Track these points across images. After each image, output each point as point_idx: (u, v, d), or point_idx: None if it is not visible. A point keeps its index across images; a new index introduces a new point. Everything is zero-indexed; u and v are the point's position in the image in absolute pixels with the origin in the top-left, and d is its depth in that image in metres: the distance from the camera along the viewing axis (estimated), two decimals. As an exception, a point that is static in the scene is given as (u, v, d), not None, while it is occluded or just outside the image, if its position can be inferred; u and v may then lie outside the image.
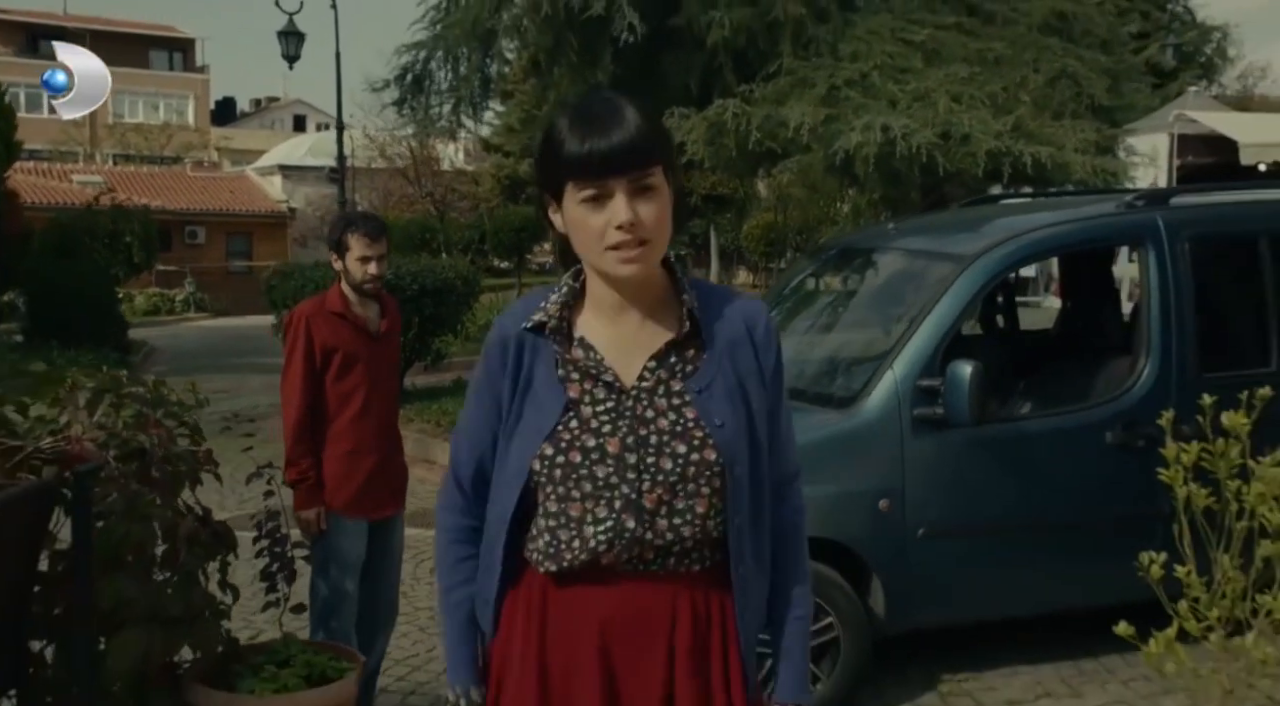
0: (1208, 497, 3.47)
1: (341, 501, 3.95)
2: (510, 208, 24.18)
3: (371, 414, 4.00)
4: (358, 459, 3.97)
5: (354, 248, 3.96)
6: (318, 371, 3.92)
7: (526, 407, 1.82)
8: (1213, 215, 5.20)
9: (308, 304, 4.07)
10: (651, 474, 1.77)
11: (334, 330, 3.96)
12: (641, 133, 1.69)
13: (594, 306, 1.84)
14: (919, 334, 4.59)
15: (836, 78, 8.48)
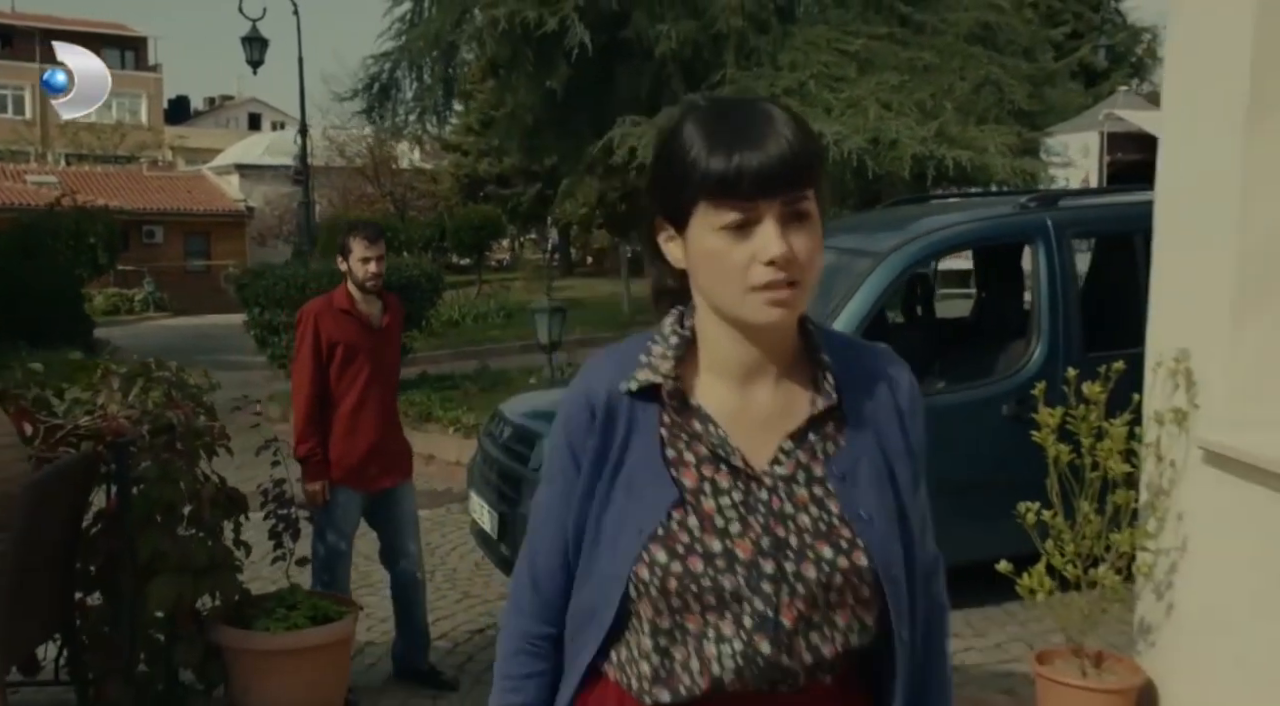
0: (1070, 454, 4.16)
1: (340, 475, 4.47)
2: (470, 206, 24.70)
3: (371, 398, 4.52)
4: (356, 438, 4.48)
5: (356, 250, 4.49)
6: (324, 361, 4.44)
7: (621, 495, 1.42)
8: (1095, 215, 5.91)
9: (316, 301, 4.62)
10: (791, 584, 1.38)
11: (339, 324, 4.47)
12: (801, 144, 1.34)
13: (712, 365, 1.44)
14: (840, 320, 5.24)
15: (776, 86, 9.12)
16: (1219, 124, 3.74)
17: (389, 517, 4.71)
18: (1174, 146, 4.10)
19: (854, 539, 1.41)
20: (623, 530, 1.41)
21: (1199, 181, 3.90)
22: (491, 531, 5.44)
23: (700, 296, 1.42)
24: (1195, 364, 3.89)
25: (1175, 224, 4.07)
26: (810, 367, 1.46)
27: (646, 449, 1.42)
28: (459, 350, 15.82)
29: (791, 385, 1.45)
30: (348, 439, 4.47)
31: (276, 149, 38.76)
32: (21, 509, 3.34)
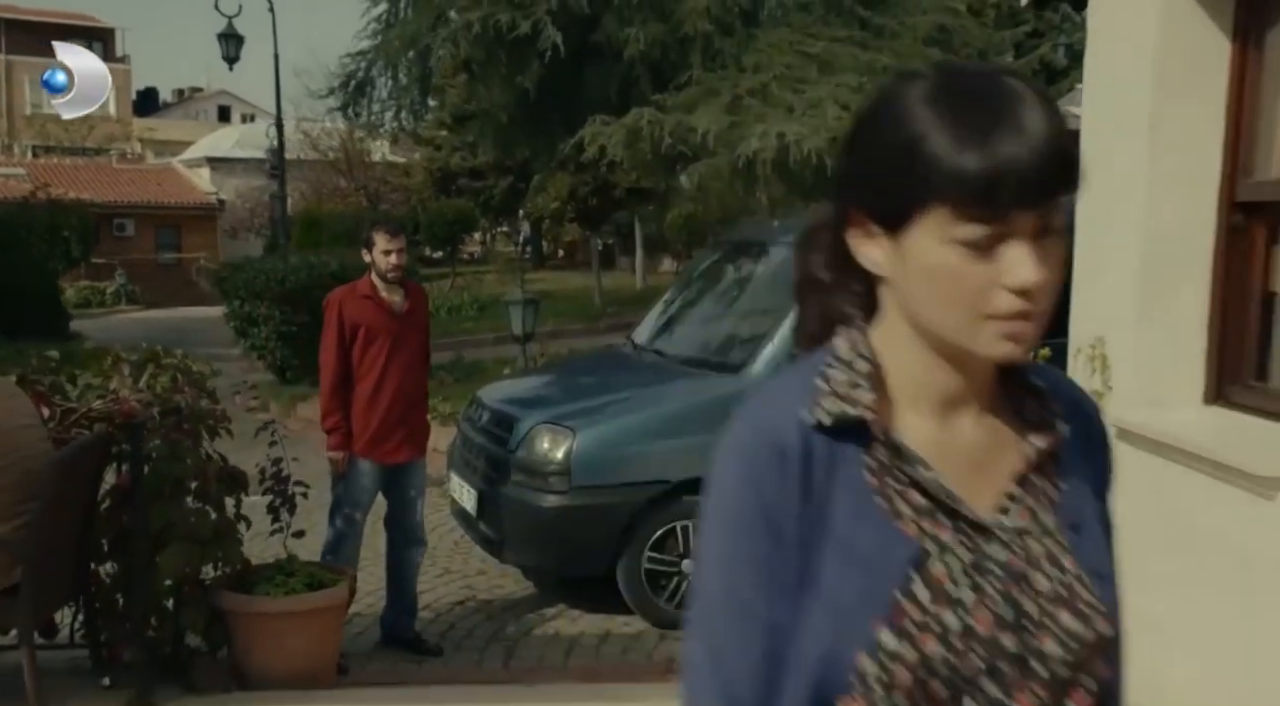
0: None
1: (360, 447, 4.93)
2: (442, 200, 24.97)
3: (391, 377, 4.93)
4: (375, 414, 4.92)
5: (378, 243, 4.91)
6: (347, 343, 4.86)
7: (834, 563, 1.09)
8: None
9: (341, 289, 5.08)
10: (1031, 664, 1.10)
11: (361, 309, 4.90)
12: (1065, 137, 1.08)
13: (907, 394, 1.15)
14: (794, 313, 5.65)
15: (740, 87, 9.50)
16: (1127, 130, 4.16)
17: (399, 491, 5.12)
18: (1090, 150, 4.52)
19: (1095, 603, 1.15)
20: (838, 605, 1.06)
21: (1111, 183, 4.33)
22: (471, 509, 5.82)
23: (901, 312, 1.13)
24: (1110, 349, 4.32)
25: (1091, 222, 4.49)
26: (1014, 395, 1.18)
27: (856, 499, 1.10)
28: (434, 342, 16.08)
29: (994, 418, 1.17)
30: (367, 414, 4.90)
31: (247, 142, 38.78)
32: (48, 482, 3.69)
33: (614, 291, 19.77)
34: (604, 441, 5.37)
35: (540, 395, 6.33)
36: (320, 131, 26.18)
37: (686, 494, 5.40)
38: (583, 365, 7.22)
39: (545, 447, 5.42)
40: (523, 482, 5.45)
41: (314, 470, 9.08)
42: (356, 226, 20.09)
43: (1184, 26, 3.99)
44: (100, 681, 4.20)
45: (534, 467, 5.42)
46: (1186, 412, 4.06)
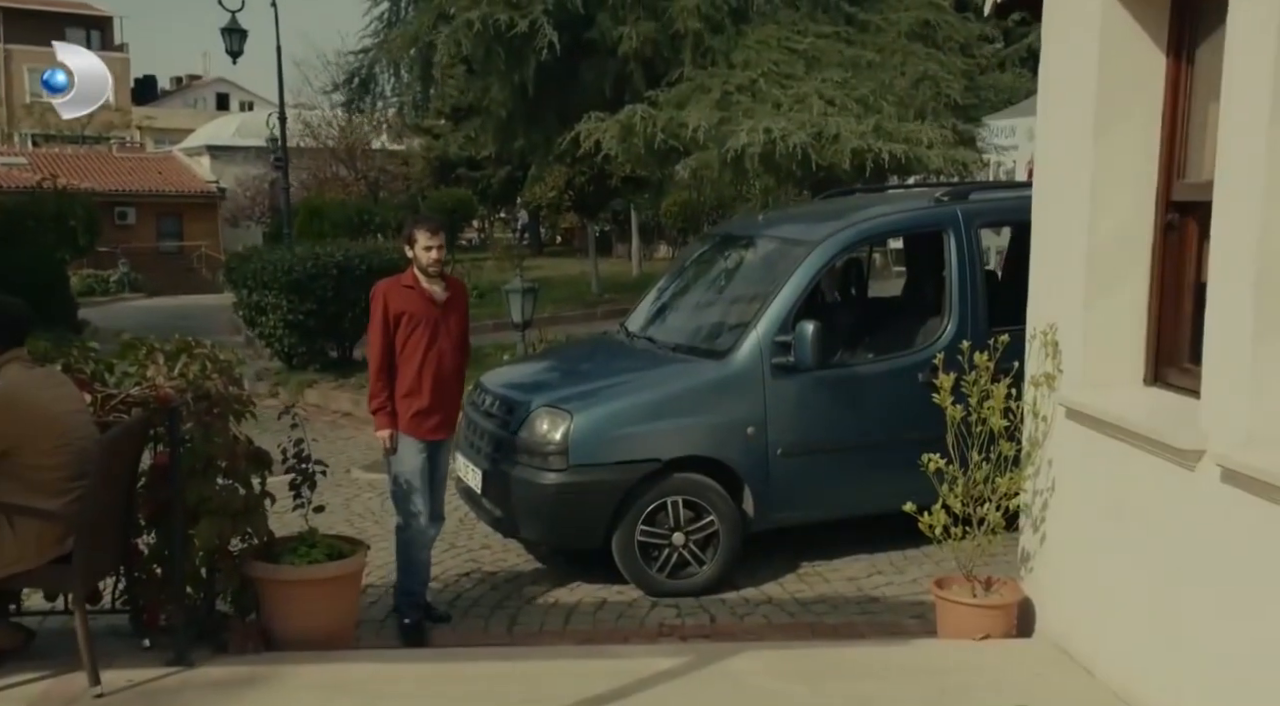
0: (964, 412, 4.99)
1: (404, 425, 5.33)
2: (441, 188, 25.30)
3: (430, 362, 5.30)
4: (417, 395, 5.31)
5: (420, 239, 5.30)
6: (391, 330, 5.26)
7: None
8: (1000, 207, 6.75)
9: (387, 280, 5.48)
10: None
11: (404, 298, 5.29)
12: None
13: None
14: (777, 301, 6.05)
15: (729, 84, 9.88)
16: (1074, 133, 4.55)
17: (431, 468, 5.47)
18: (1042, 151, 4.94)
19: None
20: None
21: (1060, 182, 4.73)
22: (476, 487, 6.23)
23: None
24: (1061, 335, 4.72)
25: (1045, 217, 4.90)
26: None
27: None
28: (434, 328, 16.47)
29: None
30: (411, 395, 5.30)
31: (247, 130, 39.03)
32: (97, 461, 4.09)
33: (611, 277, 20.13)
34: (600, 423, 5.77)
35: (540, 380, 6.73)
36: (319, 120, 26.48)
37: (677, 471, 5.81)
38: (579, 352, 7.65)
39: (545, 429, 5.82)
40: (524, 462, 5.85)
41: (321, 452, 9.50)
42: (359, 215, 20.53)
43: (1123, 43, 4.39)
44: (141, 643, 4.61)
45: (534, 448, 5.82)
46: (1128, 393, 4.47)
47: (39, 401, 4.12)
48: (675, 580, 5.83)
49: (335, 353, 12.95)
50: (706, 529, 5.83)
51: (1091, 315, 4.56)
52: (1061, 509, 4.80)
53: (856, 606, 5.82)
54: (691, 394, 5.91)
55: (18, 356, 4.21)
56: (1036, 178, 5.04)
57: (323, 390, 12.08)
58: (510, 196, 27.00)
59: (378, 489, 8.27)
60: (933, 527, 5.00)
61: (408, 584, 5.48)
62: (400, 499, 5.41)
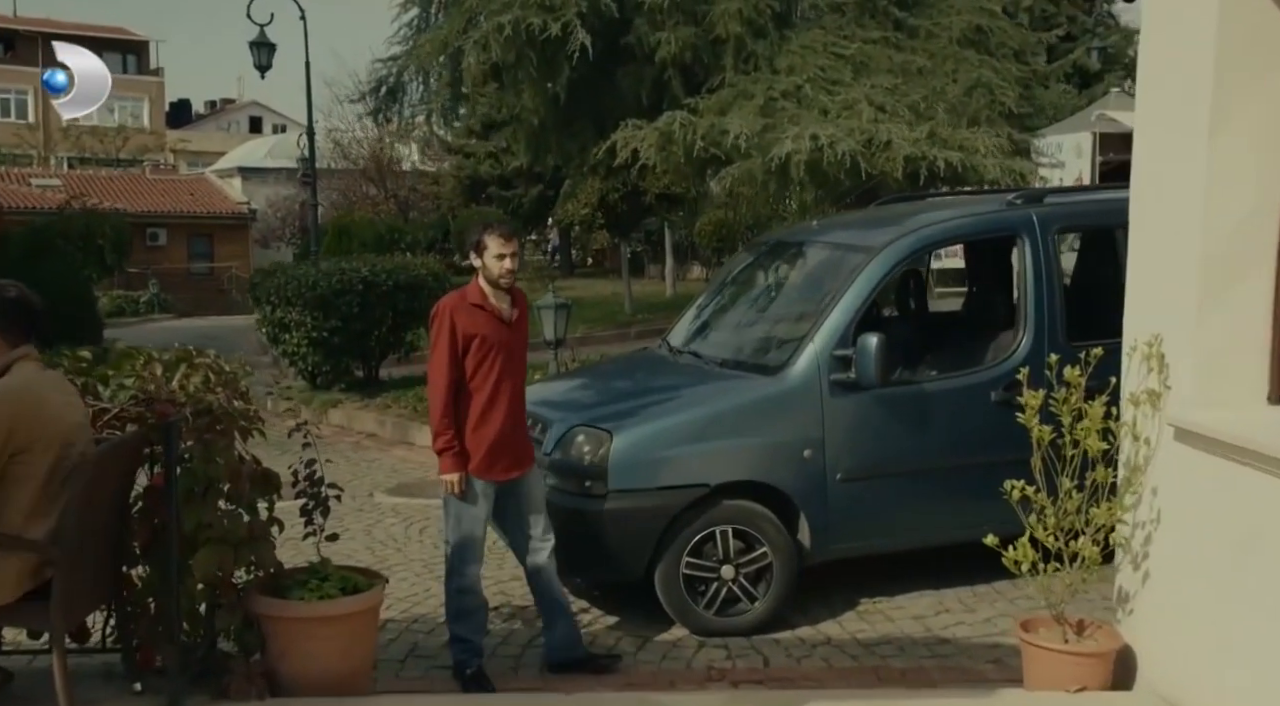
0: (1051, 434, 4.44)
1: (473, 466, 4.63)
2: (472, 207, 24.95)
3: (503, 391, 4.64)
4: (488, 430, 4.62)
5: (491, 246, 4.60)
6: (459, 355, 4.57)
7: None
8: (1077, 211, 6.21)
9: (451, 297, 4.72)
10: None
11: (473, 319, 4.58)
12: None
13: None
14: (835, 312, 5.53)
15: (774, 90, 9.42)
16: (1186, 126, 4.02)
17: (517, 506, 4.85)
18: (1146, 147, 4.39)
19: None
20: None
21: (1166, 179, 4.19)
22: (505, 513, 5.71)
23: None
24: (1167, 348, 4.17)
25: (1147, 218, 4.36)
26: None
27: None
28: (463, 349, 16.07)
29: None
30: (480, 430, 4.61)
31: (279, 152, 39.03)
32: (77, 483, 3.62)
33: (644, 298, 19.68)
34: (641, 444, 5.26)
35: (575, 397, 6.23)
36: (350, 140, 26.27)
37: (726, 498, 5.29)
38: (617, 368, 7.12)
39: (581, 450, 5.33)
40: (558, 486, 5.35)
41: (344, 475, 9.10)
42: (389, 233, 20.20)
43: (1246, 19, 3.85)
44: (132, 686, 4.13)
45: (570, 471, 5.32)
46: (1252, 412, 3.91)
47: (52, 403, 3.68)
48: (724, 618, 5.30)
49: (361, 372, 12.52)
50: (759, 561, 5.30)
51: (1205, 326, 4.01)
52: (1169, 542, 4.23)
53: (925, 648, 5.26)
54: (742, 413, 5.39)
55: (31, 354, 3.76)
56: (1135, 176, 4.49)
57: (347, 410, 11.64)
58: (542, 216, 26.63)
59: (401, 514, 7.80)
60: (1019, 563, 4.44)
61: (463, 632, 4.82)
62: (457, 547, 4.74)
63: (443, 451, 4.63)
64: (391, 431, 10.81)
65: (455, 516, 4.72)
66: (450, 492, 4.67)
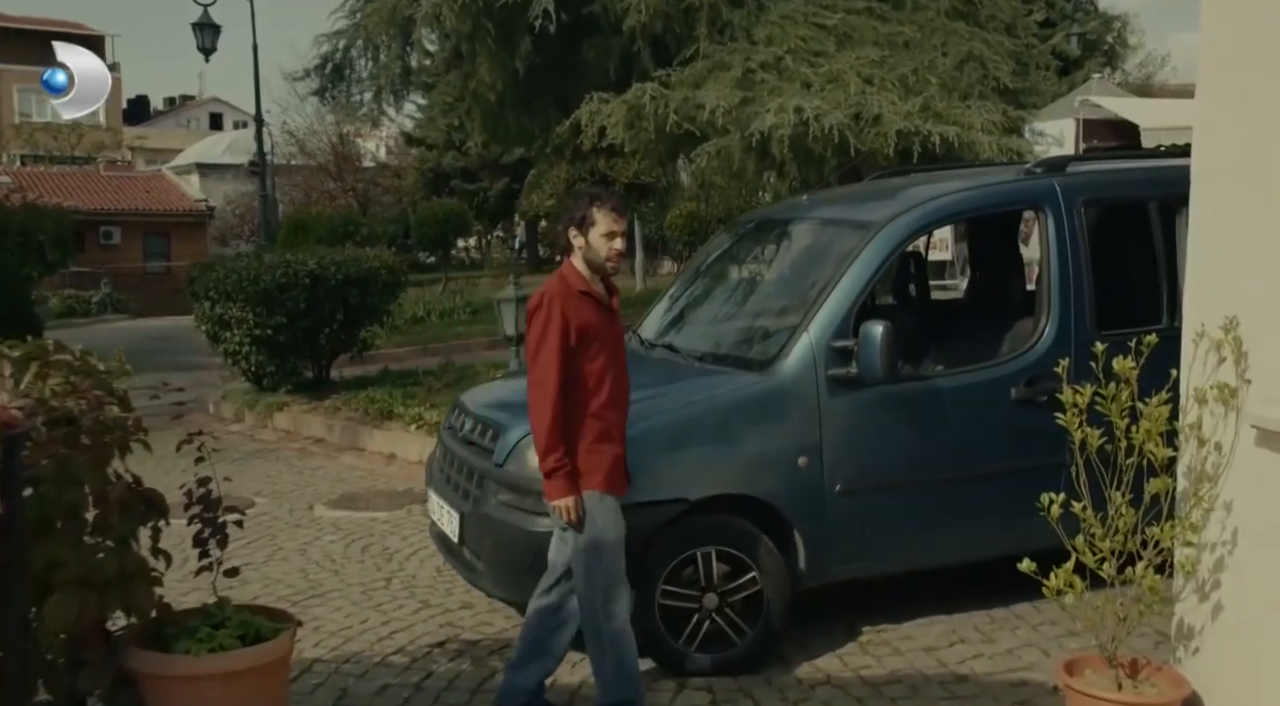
0: (1100, 438, 3.69)
1: (596, 481, 3.88)
2: (434, 200, 24.05)
3: (618, 391, 3.96)
4: (609, 438, 3.91)
5: (601, 223, 3.87)
6: (573, 354, 3.83)
7: None
8: (1106, 181, 5.46)
9: (551, 284, 3.93)
10: None
11: (581, 309, 3.86)
12: None
13: None
14: (832, 298, 4.76)
15: (751, 61, 8.65)
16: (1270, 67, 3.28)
17: None
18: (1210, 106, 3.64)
19: None
20: None
21: (1246, 135, 3.44)
22: (452, 534, 4.92)
23: None
24: (1246, 332, 3.44)
25: (1220, 177, 3.61)
26: None
27: None
28: (423, 347, 15.30)
29: None
30: (604, 441, 3.89)
31: (238, 148, 38.01)
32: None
33: (613, 294, 18.91)
34: (608, 453, 4.46)
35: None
36: (308, 132, 25.33)
37: (708, 515, 4.52)
38: None
39: (538, 461, 4.53)
40: (510, 502, 4.56)
41: (284, 485, 8.27)
42: (343, 226, 19.28)
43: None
44: (-25, 765, 3.30)
45: (524, 484, 4.52)
46: (1358, 410, 3.20)
47: None
48: (707, 654, 4.51)
49: (311, 372, 11.65)
50: (747, 588, 4.52)
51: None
52: (1248, 569, 3.50)
53: (941, 688, 4.49)
54: (725, 415, 4.61)
55: None
56: (1198, 140, 3.75)
57: (294, 413, 10.77)
58: (508, 211, 25.79)
59: (343, 530, 6.97)
60: (1061, 592, 3.70)
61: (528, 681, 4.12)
62: (607, 586, 3.93)
63: (554, 472, 3.84)
64: (341, 436, 9.97)
65: (592, 547, 3.90)
66: (570, 519, 3.87)
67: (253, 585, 5.86)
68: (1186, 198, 5.15)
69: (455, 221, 22.21)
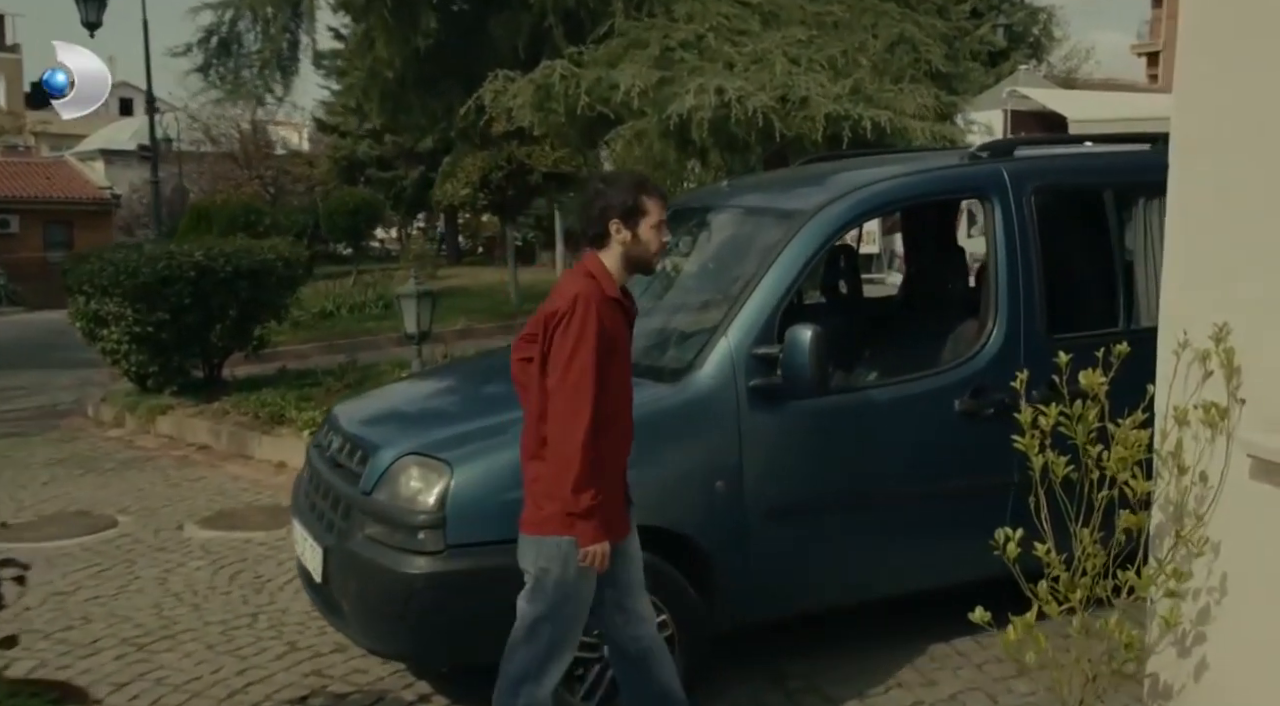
0: (1066, 466, 3.13)
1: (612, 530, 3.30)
2: (345, 190, 23.07)
3: (630, 417, 3.41)
4: (620, 470, 3.34)
5: (652, 212, 3.29)
6: (604, 367, 3.20)
7: None
8: (1057, 167, 4.93)
9: (585, 284, 3.27)
10: None
11: (614, 319, 3.28)
12: None
13: None
14: (754, 298, 4.16)
15: (671, 39, 8.06)
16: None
17: (621, 568, 3.44)
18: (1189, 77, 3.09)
19: None
20: None
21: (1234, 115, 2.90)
22: (315, 571, 4.23)
23: None
24: (1240, 343, 2.89)
25: (1193, 171, 3.06)
26: None
27: None
28: (329, 343, 14.48)
29: None
30: (617, 474, 3.32)
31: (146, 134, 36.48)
32: None
33: (531, 285, 18.17)
34: (493, 479, 3.82)
35: (412, 412, 4.75)
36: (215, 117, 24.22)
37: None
38: (473, 371, 5.59)
39: (412, 488, 3.88)
40: (379, 537, 3.89)
41: (156, 500, 7.47)
42: (244, 215, 18.29)
43: None
44: None
45: (396, 516, 3.86)
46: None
47: None
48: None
49: (201, 372, 10.81)
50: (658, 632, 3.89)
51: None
52: (1244, 623, 2.96)
53: (878, 746, 3.93)
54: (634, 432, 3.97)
55: None
56: (1176, 115, 3.20)
57: (178, 417, 9.93)
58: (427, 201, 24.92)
59: (212, 554, 6.22)
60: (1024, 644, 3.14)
61: None
62: (552, 643, 3.37)
63: (591, 512, 3.18)
64: (227, 442, 9.17)
65: (562, 597, 3.31)
66: (600, 569, 3.26)
67: (95, 624, 5.13)
68: (1148, 186, 4.70)
69: (367, 211, 21.29)
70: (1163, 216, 4.63)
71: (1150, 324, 4.66)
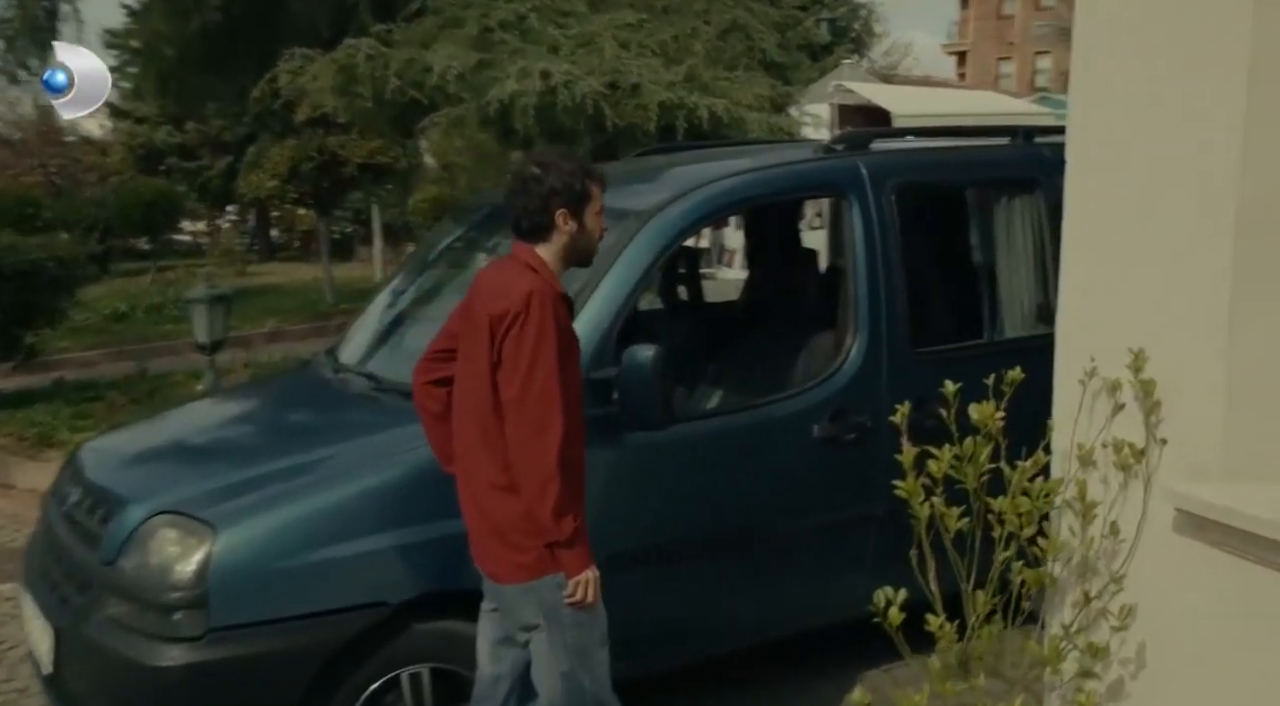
0: (958, 519, 2.64)
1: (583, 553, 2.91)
2: (141, 180, 21.39)
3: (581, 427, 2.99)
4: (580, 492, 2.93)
5: (596, 199, 2.99)
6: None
7: None
8: (918, 162, 4.49)
9: (534, 280, 2.85)
10: None
11: (566, 316, 2.94)
12: None
13: None
14: (585, 314, 3.54)
15: (490, 19, 7.42)
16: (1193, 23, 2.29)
17: None
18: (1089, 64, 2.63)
19: None
20: None
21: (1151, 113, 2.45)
22: (45, 658, 3.40)
23: None
24: (1160, 372, 2.44)
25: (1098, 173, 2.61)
26: None
27: None
28: (119, 349, 13.17)
29: None
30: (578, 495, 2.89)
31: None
32: None
33: (349, 283, 17.16)
34: (271, 542, 3.09)
35: (174, 455, 3.94)
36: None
37: (418, 621, 3.23)
38: (265, 396, 4.78)
39: (165, 556, 3.12)
40: (124, 619, 3.12)
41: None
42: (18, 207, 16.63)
43: None
44: None
45: (145, 592, 3.10)
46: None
47: None
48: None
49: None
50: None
51: (1236, 338, 2.30)
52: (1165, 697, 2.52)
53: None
54: (439, 480, 3.27)
55: None
56: (1076, 110, 2.75)
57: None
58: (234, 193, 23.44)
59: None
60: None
61: None
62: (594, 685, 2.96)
63: (576, 536, 2.84)
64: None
65: (587, 636, 2.94)
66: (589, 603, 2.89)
67: None
68: (1011, 182, 4.34)
69: (164, 204, 19.72)
70: (1028, 217, 4.32)
71: (1014, 335, 4.36)
